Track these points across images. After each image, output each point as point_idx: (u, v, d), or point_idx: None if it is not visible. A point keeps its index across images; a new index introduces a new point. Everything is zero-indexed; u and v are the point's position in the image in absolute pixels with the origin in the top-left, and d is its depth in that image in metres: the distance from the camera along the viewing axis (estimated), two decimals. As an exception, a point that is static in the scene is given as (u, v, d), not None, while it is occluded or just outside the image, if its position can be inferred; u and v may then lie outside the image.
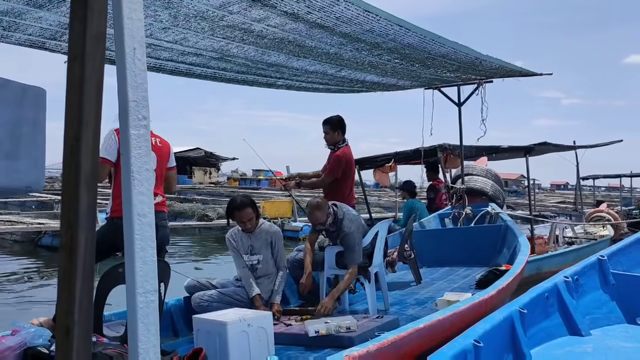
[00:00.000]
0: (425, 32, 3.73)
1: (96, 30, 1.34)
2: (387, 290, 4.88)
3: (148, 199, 1.63)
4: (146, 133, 1.63)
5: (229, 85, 5.41)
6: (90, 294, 1.26)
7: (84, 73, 1.31)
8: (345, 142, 5.22)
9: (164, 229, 3.71)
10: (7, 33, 3.29)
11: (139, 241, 1.59)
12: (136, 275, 1.58)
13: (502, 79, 6.56)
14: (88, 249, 1.24)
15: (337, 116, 5.24)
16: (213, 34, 3.55)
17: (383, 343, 2.54)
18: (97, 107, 1.34)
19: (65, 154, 1.29)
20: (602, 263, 3.54)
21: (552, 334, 2.98)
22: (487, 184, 8.85)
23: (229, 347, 3.22)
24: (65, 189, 1.27)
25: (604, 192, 40.40)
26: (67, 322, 1.19)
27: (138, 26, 1.59)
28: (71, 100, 1.31)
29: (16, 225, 11.92)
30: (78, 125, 1.30)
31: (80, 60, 1.33)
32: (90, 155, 1.30)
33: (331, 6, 2.97)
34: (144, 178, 1.62)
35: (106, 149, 3.44)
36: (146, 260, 1.60)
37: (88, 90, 1.31)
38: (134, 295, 1.57)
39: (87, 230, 1.24)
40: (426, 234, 7.34)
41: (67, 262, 1.21)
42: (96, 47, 1.36)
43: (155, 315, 1.61)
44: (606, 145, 14.88)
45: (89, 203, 1.25)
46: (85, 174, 1.27)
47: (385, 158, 9.33)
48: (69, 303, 1.19)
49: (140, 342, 1.57)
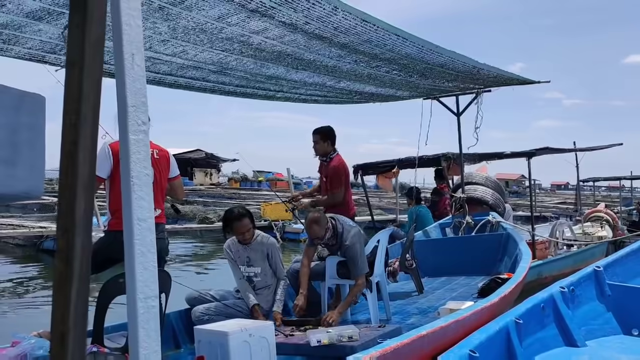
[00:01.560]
0: (423, 42, 3.75)
1: (95, 36, 1.37)
2: (389, 299, 4.86)
3: (147, 204, 1.63)
4: (145, 138, 1.64)
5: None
6: (85, 299, 1.26)
7: (82, 78, 1.31)
8: (336, 152, 5.15)
9: (162, 241, 3.71)
10: (7, 46, 3.31)
11: (139, 246, 1.59)
12: (136, 280, 1.58)
13: (499, 87, 6.60)
14: (84, 254, 1.20)
15: (328, 126, 5.14)
16: (212, 46, 3.57)
17: (385, 350, 2.52)
18: (95, 113, 1.34)
19: (62, 158, 1.30)
20: (598, 274, 3.54)
21: (548, 344, 2.98)
22: (487, 193, 8.85)
23: (230, 357, 3.20)
24: (62, 193, 1.26)
25: (604, 193, 40.25)
26: (62, 328, 1.18)
27: (137, 32, 1.61)
28: (69, 105, 1.32)
29: (18, 229, 11.89)
30: (75, 130, 1.27)
31: (79, 65, 1.34)
32: (88, 160, 1.27)
33: (329, 16, 2.99)
34: (144, 183, 1.63)
35: (97, 166, 3.40)
36: (146, 265, 1.60)
37: (86, 96, 1.34)
38: (134, 301, 1.56)
39: (83, 235, 1.20)
40: (427, 243, 7.32)
41: (63, 267, 1.21)
42: (95, 52, 1.37)
43: (156, 320, 1.60)
44: (607, 148, 14.85)
45: (85, 208, 1.21)
46: (83, 178, 1.23)
47: (389, 165, 9.38)
48: (64, 309, 1.16)
49: (142, 348, 1.57)
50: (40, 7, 2.76)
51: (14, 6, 2.71)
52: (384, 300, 4.76)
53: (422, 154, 8.31)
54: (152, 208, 1.65)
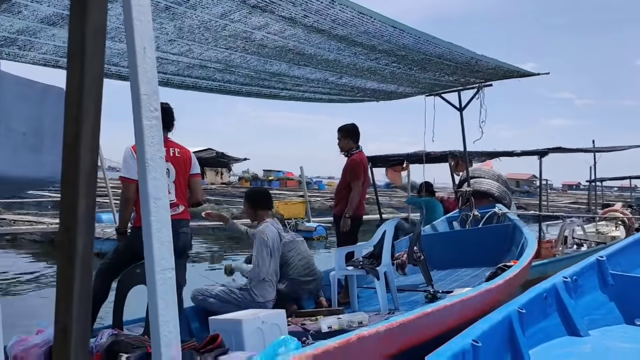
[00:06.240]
0: (419, 33, 3.87)
1: (95, 26, 1.31)
2: (397, 291, 4.96)
3: (162, 184, 1.77)
4: (158, 124, 1.77)
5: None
6: (88, 295, 1.22)
7: (84, 69, 1.28)
8: (359, 149, 5.44)
9: (185, 235, 3.82)
10: (23, 52, 3.47)
11: (155, 223, 1.72)
12: (154, 254, 1.71)
13: (501, 81, 6.67)
14: (86, 250, 1.21)
15: (352, 124, 5.49)
16: (216, 44, 3.71)
17: (392, 324, 2.63)
18: (97, 104, 1.30)
19: (64, 151, 1.23)
20: (601, 264, 3.55)
21: (551, 334, 2.99)
22: (493, 186, 8.91)
23: (244, 344, 3.31)
24: (64, 188, 1.20)
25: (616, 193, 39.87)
26: (65, 323, 1.17)
27: (147, 27, 1.74)
28: (70, 97, 1.28)
29: (35, 225, 12.12)
30: (77, 123, 1.27)
31: (80, 56, 1.28)
32: (89, 153, 1.26)
33: (326, 9, 3.13)
34: (158, 165, 1.76)
35: (127, 170, 3.52)
36: (162, 240, 1.73)
37: (88, 87, 1.29)
38: (152, 274, 1.70)
39: (85, 231, 1.21)
40: (435, 236, 7.40)
41: (66, 264, 1.19)
42: (96, 43, 1.31)
43: (173, 291, 1.73)
44: (625, 150, 14.56)
45: (87, 203, 1.21)
46: (85, 172, 1.22)
47: (398, 159, 9.49)
48: (67, 304, 1.17)
49: (161, 316, 1.70)
50: (54, 13, 2.91)
51: (29, 12, 2.87)
52: (392, 291, 4.86)
53: (431, 151, 8.42)
54: (166, 188, 1.78)
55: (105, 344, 2.46)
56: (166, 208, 1.73)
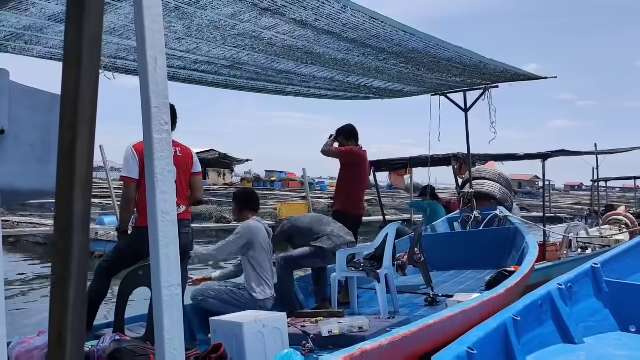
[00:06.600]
0: (430, 37, 3.83)
1: (92, 31, 1.37)
2: (397, 293, 4.95)
3: (170, 198, 1.73)
4: (168, 137, 1.73)
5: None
6: (83, 300, 1.24)
7: (80, 74, 1.35)
8: (357, 147, 5.44)
9: (186, 236, 3.80)
10: (29, 46, 3.42)
11: (162, 238, 1.69)
12: (161, 270, 1.69)
13: (508, 83, 6.63)
14: (82, 254, 1.26)
15: (346, 125, 5.49)
16: (225, 42, 3.67)
17: (395, 337, 2.62)
18: (93, 110, 1.33)
19: (60, 158, 1.27)
20: (595, 271, 3.55)
21: (546, 341, 2.98)
22: (495, 188, 8.87)
23: (245, 347, 3.30)
24: (60, 193, 1.23)
25: (618, 193, 39.84)
26: (60, 329, 1.16)
27: (159, 37, 1.70)
28: (66, 102, 1.31)
29: (39, 227, 12.09)
30: (73, 128, 1.34)
31: (76, 63, 1.34)
32: (85, 159, 1.30)
33: (338, 14, 3.08)
34: (167, 179, 1.73)
35: (128, 170, 3.50)
36: (169, 255, 1.70)
37: (84, 93, 1.35)
38: (159, 290, 1.67)
39: (81, 236, 1.22)
40: (436, 237, 7.39)
41: (61, 268, 1.23)
42: (92, 48, 1.37)
43: (180, 307, 1.71)
44: (628, 152, 14.52)
45: (83, 208, 1.25)
46: (80, 178, 1.28)
47: (401, 162, 9.45)
48: (62, 310, 1.20)
49: (166, 332, 1.67)
50: (62, 11, 2.86)
51: (37, 10, 2.82)
52: (392, 293, 4.85)
53: (434, 154, 8.37)
54: (174, 202, 1.76)
55: (107, 350, 2.44)
56: (174, 223, 1.70)
